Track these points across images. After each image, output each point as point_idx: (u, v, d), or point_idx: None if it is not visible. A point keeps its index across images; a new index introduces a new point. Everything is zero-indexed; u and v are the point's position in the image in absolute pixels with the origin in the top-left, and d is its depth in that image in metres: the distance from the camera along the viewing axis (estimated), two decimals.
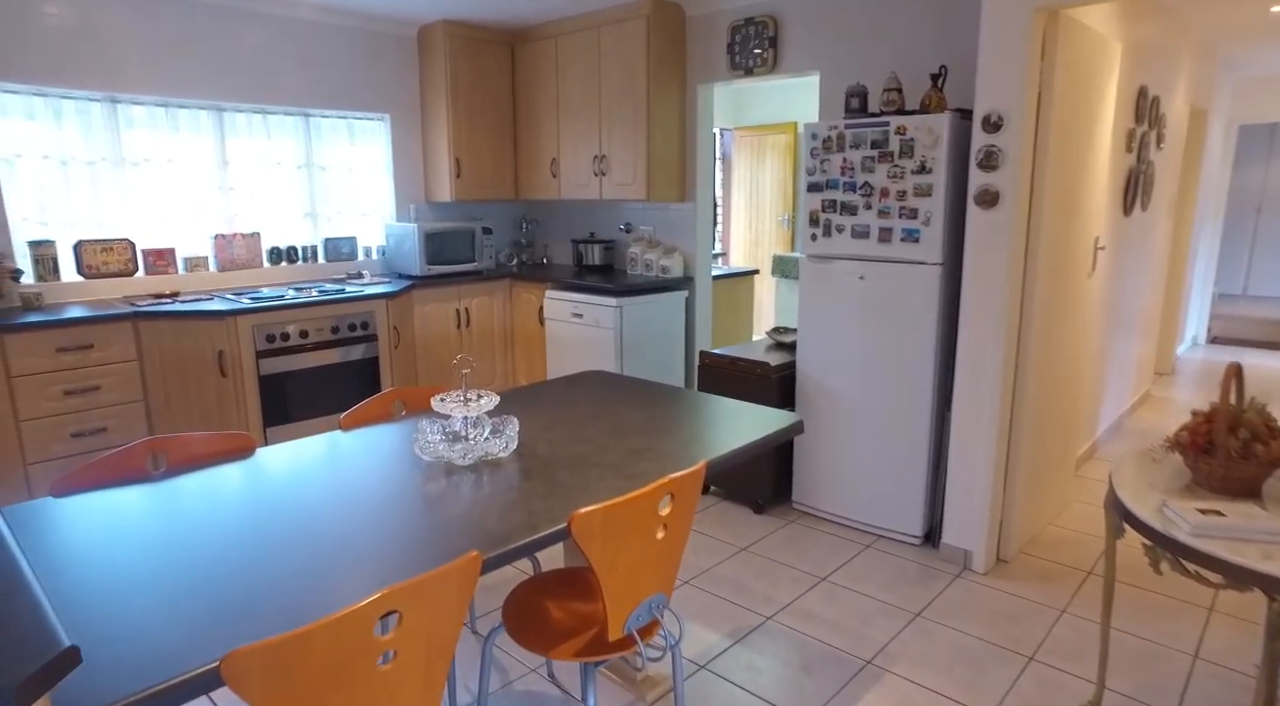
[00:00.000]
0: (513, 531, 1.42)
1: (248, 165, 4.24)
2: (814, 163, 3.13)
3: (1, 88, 3.45)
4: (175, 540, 1.39)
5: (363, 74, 4.57)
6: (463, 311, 4.62)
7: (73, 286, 3.66)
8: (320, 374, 3.81)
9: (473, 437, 1.86)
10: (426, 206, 5.02)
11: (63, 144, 3.63)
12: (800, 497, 3.45)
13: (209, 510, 1.52)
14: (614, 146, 4.41)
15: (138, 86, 3.76)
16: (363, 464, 1.79)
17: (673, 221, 4.60)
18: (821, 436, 3.31)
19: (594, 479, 1.68)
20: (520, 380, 4.91)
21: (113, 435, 3.36)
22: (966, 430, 2.86)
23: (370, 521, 1.47)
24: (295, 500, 1.57)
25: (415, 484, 1.66)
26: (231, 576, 1.25)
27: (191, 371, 3.47)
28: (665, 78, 4.23)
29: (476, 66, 4.72)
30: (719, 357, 3.54)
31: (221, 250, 4.12)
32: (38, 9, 3.45)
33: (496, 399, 1.86)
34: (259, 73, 4.15)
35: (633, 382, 2.50)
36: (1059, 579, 2.85)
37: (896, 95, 2.94)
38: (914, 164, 2.83)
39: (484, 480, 1.68)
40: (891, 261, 2.96)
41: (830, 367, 3.23)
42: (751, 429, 2.00)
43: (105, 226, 3.79)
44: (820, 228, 3.16)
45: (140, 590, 1.21)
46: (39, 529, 1.44)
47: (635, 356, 4.22)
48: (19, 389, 3.11)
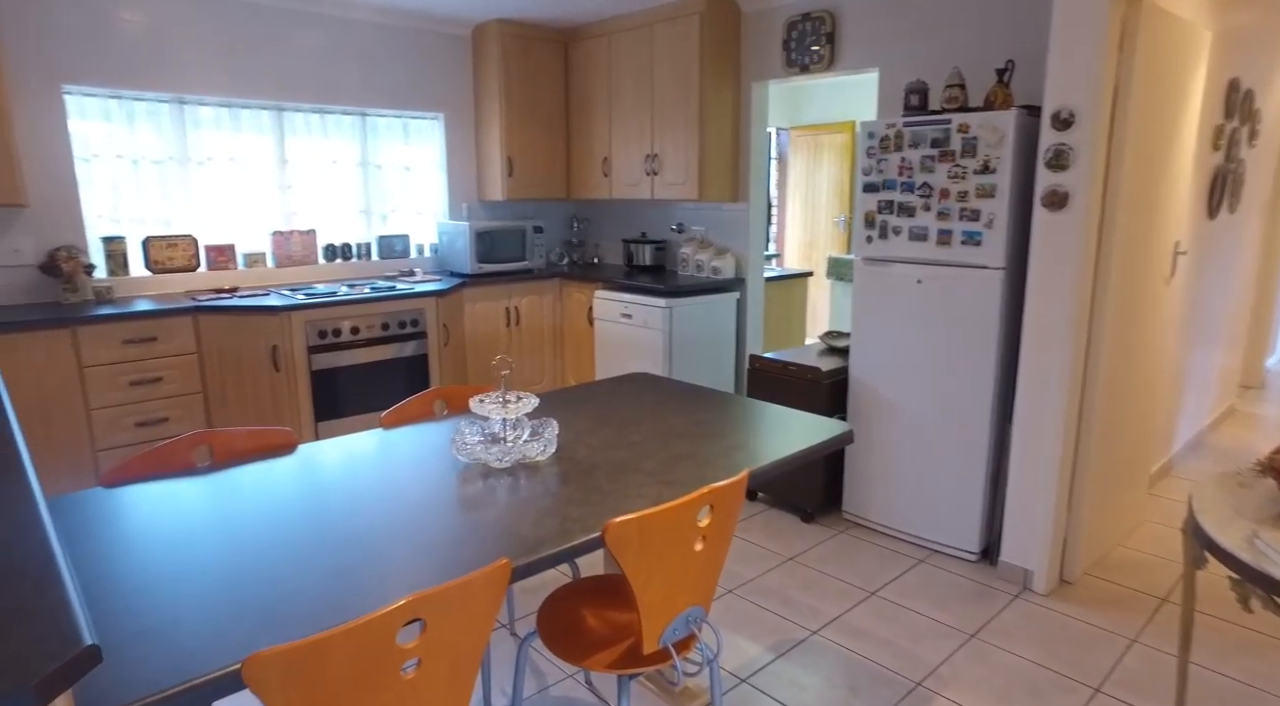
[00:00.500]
0: (546, 538, 1.38)
1: (306, 164, 4.33)
2: (870, 162, 3.02)
3: (82, 91, 3.59)
4: (211, 536, 1.39)
5: (418, 74, 4.63)
6: (512, 310, 4.63)
7: (140, 281, 3.79)
8: (370, 370, 3.86)
9: (511, 440, 1.83)
10: (479, 205, 5.05)
11: (134, 144, 3.77)
12: (851, 507, 3.34)
13: (247, 507, 1.53)
14: (666, 145, 4.35)
15: (204, 88, 3.87)
16: (400, 463, 1.78)
17: (725, 222, 4.53)
18: (874, 445, 3.19)
19: (633, 485, 1.63)
20: (569, 380, 4.90)
21: (173, 425, 3.46)
22: (1028, 442, 2.72)
23: (404, 523, 1.45)
24: (331, 499, 1.57)
25: (451, 485, 1.63)
26: (262, 576, 1.24)
27: (247, 365, 3.55)
28: (719, 76, 4.16)
29: (529, 66, 4.73)
30: (769, 361, 3.45)
31: (279, 247, 4.21)
32: (116, 16, 3.58)
33: (535, 401, 1.82)
34: (318, 74, 4.23)
35: (678, 386, 2.45)
36: (1129, 605, 2.68)
37: (959, 92, 2.81)
38: (976, 163, 2.69)
39: (520, 484, 1.65)
40: (951, 265, 2.84)
41: (885, 374, 3.11)
42: (798, 438, 1.93)
43: (171, 223, 3.92)
44: (876, 229, 3.04)
45: (172, 586, 1.21)
46: (87, 518, 1.47)
47: (684, 358, 4.16)
48: (90, 379, 3.23)
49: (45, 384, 3.14)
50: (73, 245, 3.56)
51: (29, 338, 3.08)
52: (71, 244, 3.57)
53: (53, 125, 3.50)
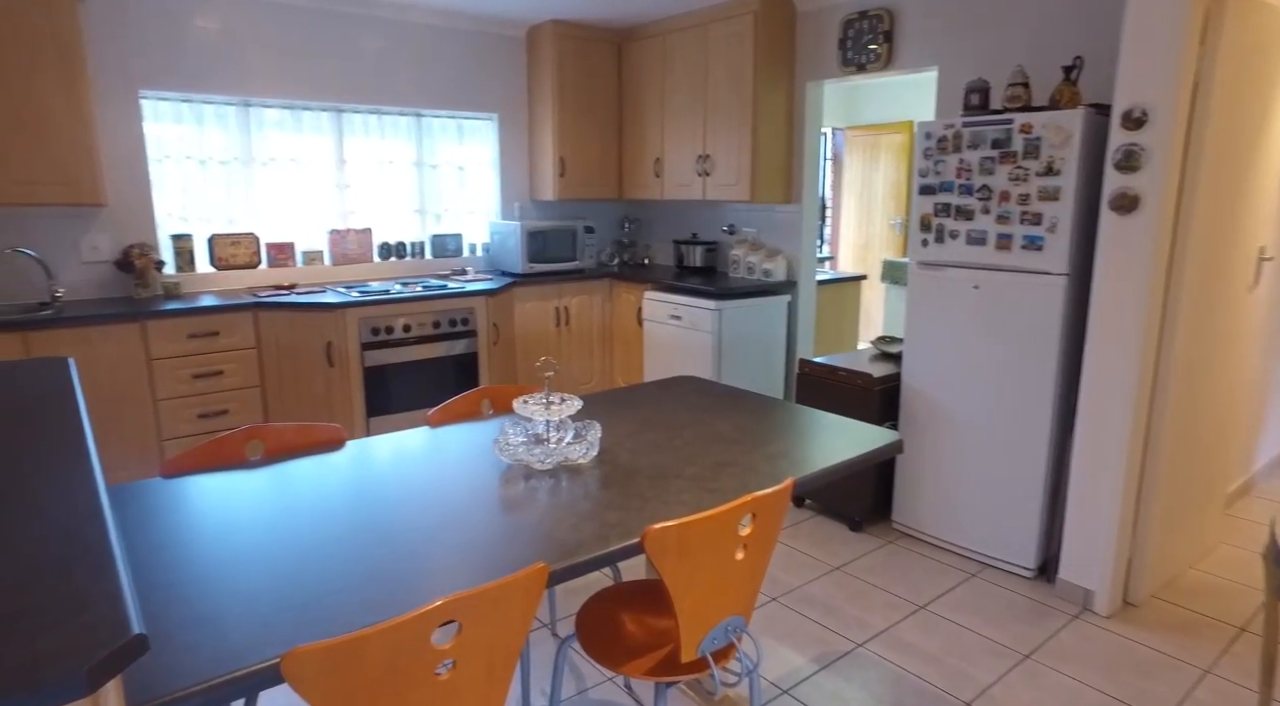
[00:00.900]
0: (584, 543, 1.38)
1: (363, 164, 4.43)
2: (927, 164, 2.93)
3: (157, 95, 3.75)
4: (259, 529, 1.42)
5: (473, 75, 4.69)
6: (562, 310, 4.66)
7: (205, 277, 3.93)
8: (421, 367, 3.93)
9: (554, 442, 1.83)
10: (531, 204, 5.09)
11: (203, 145, 3.91)
12: (901, 517, 3.26)
13: (294, 502, 1.56)
14: (718, 146, 4.32)
15: (268, 91, 4.00)
16: (444, 462, 1.79)
17: (777, 224, 4.46)
18: (926, 454, 3.10)
19: (674, 491, 1.61)
20: (617, 380, 4.90)
21: (233, 417, 3.58)
22: (1090, 456, 2.60)
23: (445, 522, 1.46)
24: (375, 496, 1.59)
25: (493, 486, 1.64)
26: (306, 570, 1.27)
27: (303, 360, 3.65)
28: (773, 75, 4.10)
29: (583, 66, 4.75)
30: (819, 366, 3.39)
31: (336, 245, 4.32)
32: (191, 23, 3.72)
33: (579, 403, 1.82)
34: (376, 75, 4.32)
35: (725, 390, 2.42)
36: (1201, 632, 2.54)
37: (1022, 90, 2.71)
38: (1039, 165, 2.59)
39: (561, 486, 1.64)
40: (1010, 270, 2.73)
41: (939, 381, 3.02)
42: (846, 446, 1.88)
43: (235, 222, 4.05)
44: (932, 233, 2.96)
45: (220, 577, 1.24)
46: (145, 507, 1.52)
47: (733, 361, 4.12)
48: (157, 371, 3.37)
49: (118, 375, 3.28)
50: (145, 243, 3.71)
51: (104, 331, 3.23)
52: (144, 241, 3.73)
53: (130, 128, 3.66)
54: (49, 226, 3.53)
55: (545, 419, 1.79)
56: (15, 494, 1.21)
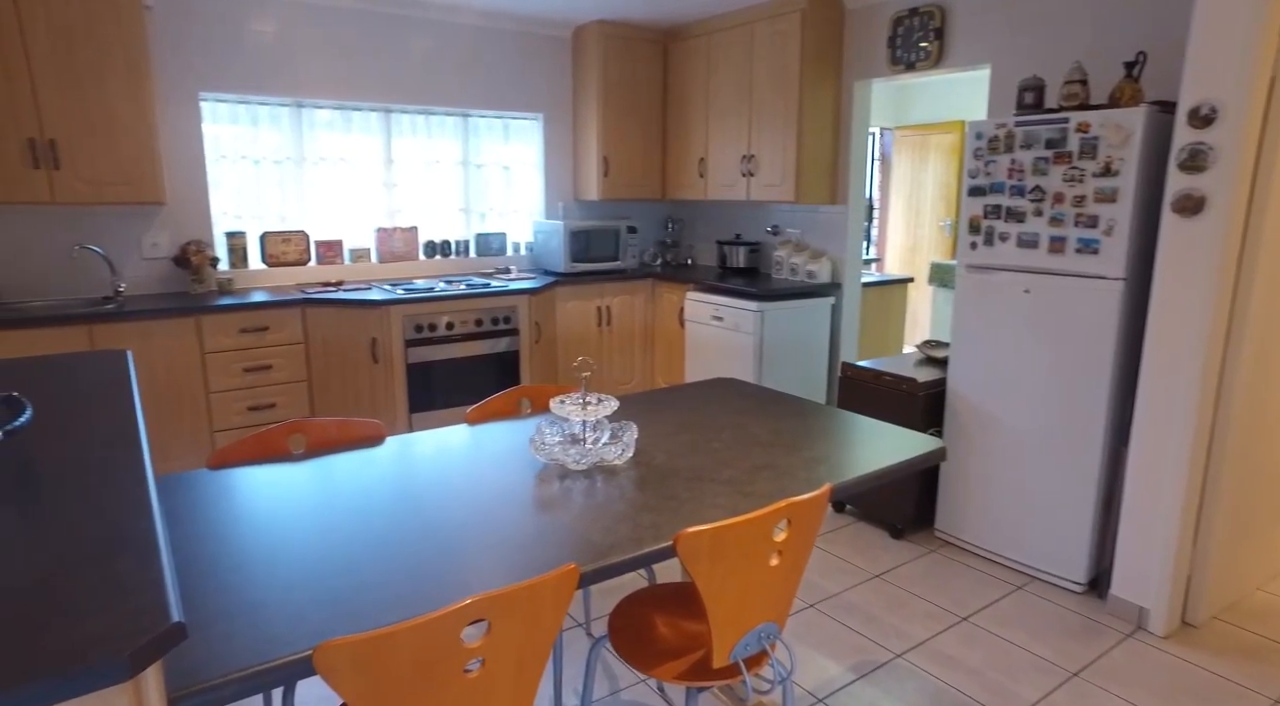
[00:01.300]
0: (617, 545, 1.37)
1: (410, 163, 4.50)
2: (977, 164, 2.85)
3: (216, 97, 3.87)
4: (298, 522, 1.45)
5: (519, 75, 4.73)
6: (604, 309, 4.67)
7: (256, 273, 4.04)
8: (463, 365, 3.98)
9: (589, 442, 1.83)
10: (575, 204, 5.12)
11: (257, 146, 4.03)
12: (944, 526, 3.18)
13: (333, 496, 1.59)
14: (763, 146, 4.27)
15: (320, 92, 4.09)
16: (481, 460, 1.80)
17: (822, 224, 4.40)
18: (972, 462, 3.02)
19: (709, 495, 1.60)
20: (658, 381, 4.90)
21: (281, 411, 3.67)
22: (1147, 468, 2.50)
23: (479, 520, 1.47)
24: (411, 492, 1.61)
25: (528, 485, 1.65)
26: (341, 564, 1.29)
27: (349, 356, 3.73)
28: (819, 75, 4.04)
29: (628, 66, 4.75)
30: (862, 370, 3.33)
31: (383, 243, 4.40)
32: (249, 27, 3.83)
33: (615, 404, 1.81)
34: (424, 76, 4.39)
35: (765, 393, 2.39)
36: (1269, 658, 2.41)
37: (1079, 88, 2.61)
38: (1097, 166, 2.50)
39: (596, 487, 1.64)
40: (1063, 274, 2.64)
41: (986, 387, 2.94)
42: (887, 452, 1.84)
43: (286, 220, 4.16)
44: (981, 235, 2.88)
45: (259, 568, 1.27)
46: (191, 498, 1.56)
47: (775, 364, 4.07)
48: (210, 364, 3.48)
49: (174, 367, 3.39)
50: (201, 240, 3.84)
51: (162, 324, 3.34)
52: (200, 239, 3.85)
53: (190, 129, 3.79)
54: (113, 224, 3.67)
55: (581, 419, 1.79)
56: (70, 482, 1.26)
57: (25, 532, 1.09)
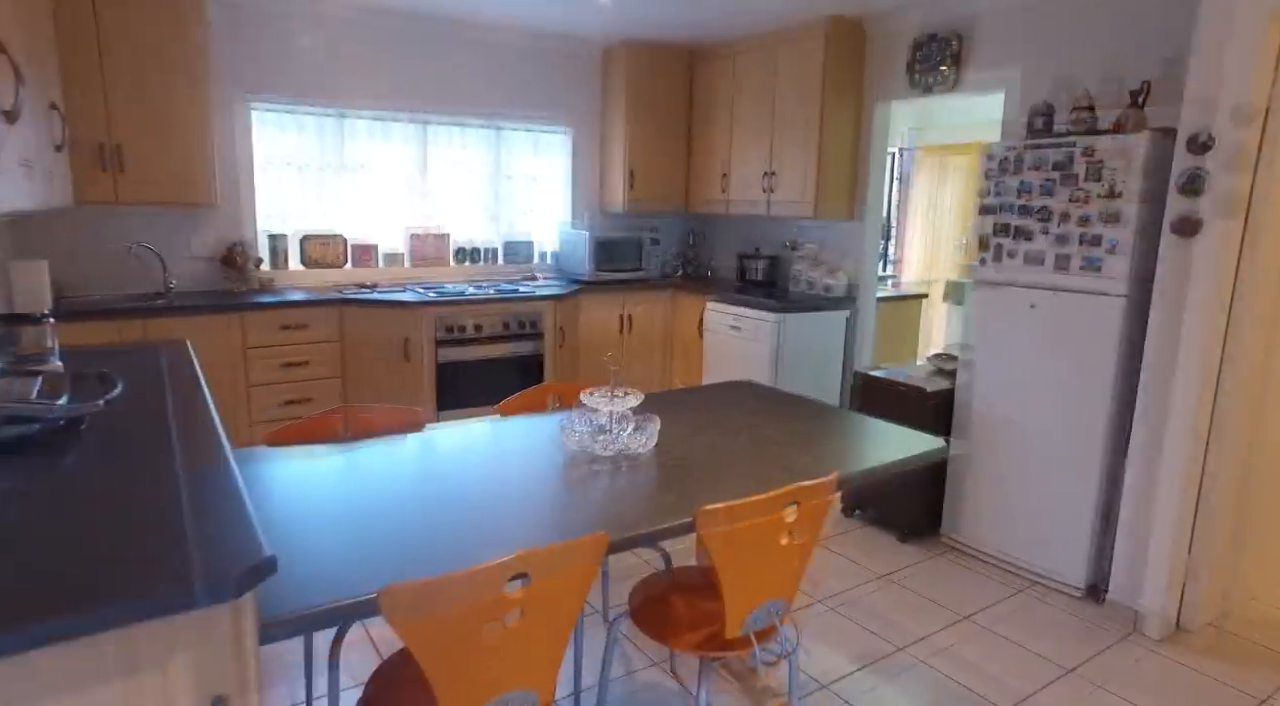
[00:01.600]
0: (641, 519, 1.51)
1: (444, 172, 4.70)
2: (988, 185, 2.99)
3: (265, 105, 4.09)
4: (354, 491, 1.61)
5: (550, 90, 4.92)
6: (626, 316, 4.82)
7: (296, 274, 4.24)
8: (490, 366, 4.15)
9: (615, 431, 1.98)
10: (600, 214, 5.29)
11: (301, 152, 4.24)
12: (950, 530, 3.29)
13: (383, 470, 1.75)
14: (784, 163, 4.43)
15: (361, 102, 4.30)
16: (514, 446, 1.96)
17: (839, 240, 4.54)
18: (977, 468, 3.14)
19: (724, 483, 1.74)
20: (677, 386, 5.04)
21: (316, 405, 3.85)
22: (1144, 477, 2.60)
23: (515, 494, 1.62)
24: (453, 470, 1.76)
25: (559, 468, 1.80)
26: (395, 526, 1.44)
27: (381, 354, 3.91)
28: (840, 95, 4.20)
29: (655, 83, 4.93)
30: (875, 378, 3.46)
31: (415, 247, 4.59)
32: (297, 39, 4.05)
33: (640, 396, 1.96)
34: (460, 89, 4.59)
35: (781, 395, 2.53)
36: (1262, 663, 2.50)
37: (1086, 114, 2.75)
38: (1101, 188, 2.62)
39: (622, 471, 1.79)
40: (1068, 291, 2.77)
41: (993, 396, 3.06)
42: (893, 451, 1.97)
43: (324, 224, 4.36)
44: (990, 252, 3.00)
45: (322, 527, 1.43)
46: (254, 469, 1.73)
47: (791, 374, 4.20)
48: (251, 359, 3.67)
49: (217, 360, 3.58)
50: (245, 241, 4.04)
51: (208, 319, 3.54)
52: (244, 240, 4.06)
53: (239, 135, 4.00)
54: (166, 224, 3.88)
55: (609, 410, 1.93)
56: (161, 446, 1.42)
57: (136, 484, 1.25)
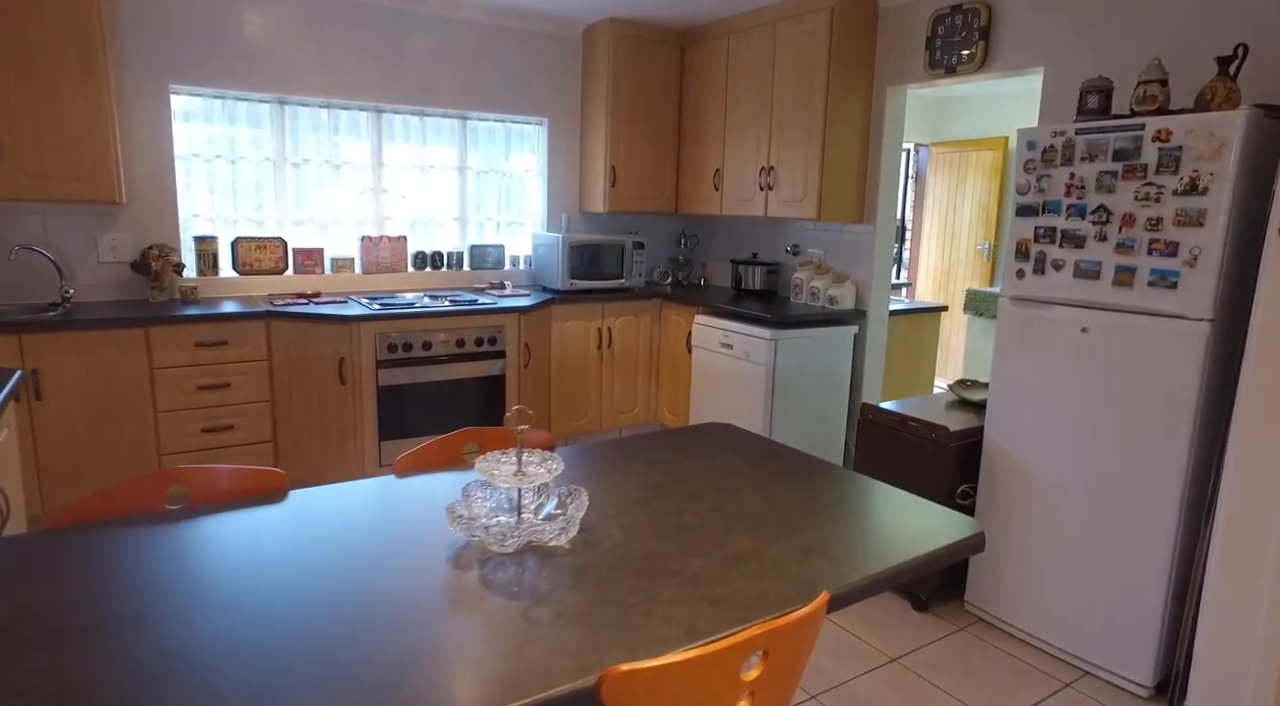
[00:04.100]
0: (521, 680, 0.97)
1: (402, 168, 4.19)
2: (1028, 180, 2.43)
3: (189, 91, 3.59)
4: (133, 606, 1.07)
5: (523, 77, 4.40)
6: (605, 331, 4.29)
7: (227, 282, 3.73)
8: (442, 389, 3.61)
9: (532, 508, 1.45)
10: (580, 217, 4.76)
11: (234, 144, 3.73)
12: (976, 599, 2.72)
13: (192, 569, 1.21)
14: (784, 157, 3.88)
15: (306, 89, 3.79)
16: (388, 532, 1.42)
17: (847, 245, 3.98)
18: (1012, 528, 2.57)
19: (663, 599, 1.19)
20: (664, 411, 4.49)
21: (240, 432, 3.34)
22: (1235, 552, 2.03)
23: (352, 627, 1.08)
24: (276, 573, 1.22)
25: (433, 574, 1.26)
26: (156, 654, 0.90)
27: (314, 376, 3.38)
28: (847, 79, 3.64)
29: (642, 68, 4.40)
30: (885, 414, 2.90)
31: (368, 253, 4.08)
32: (227, 16, 3.54)
33: (560, 466, 1.42)
34: (420, 75, 4.08)
35: (765, 446, 1.98)
36: None
37: (1158, 89, 2.18)
38: (1179, 182, 2.06)
39: (521, 579, 1.25)
40: (1131, 312, 2.20)
41: (1031, 441, 2.49)
42: (909, 537, 1.42)
43: (264, 225, 3.85)
44: (1030, 262, 2.44)
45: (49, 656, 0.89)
46: (16, 568, 1.20)
47: (789, 399, 3.65)
48: (159, 381, 3.15)
49: (117, 383, 3.07)
50: (165, 244, 3.53)
51: (106, 335, 3.03)
52: (164, 243, 3.55)
53: (158, 124, 3.50)
54: (64, 224, 3.38)
55: (516, 486, 1.39)
56: None
57: None
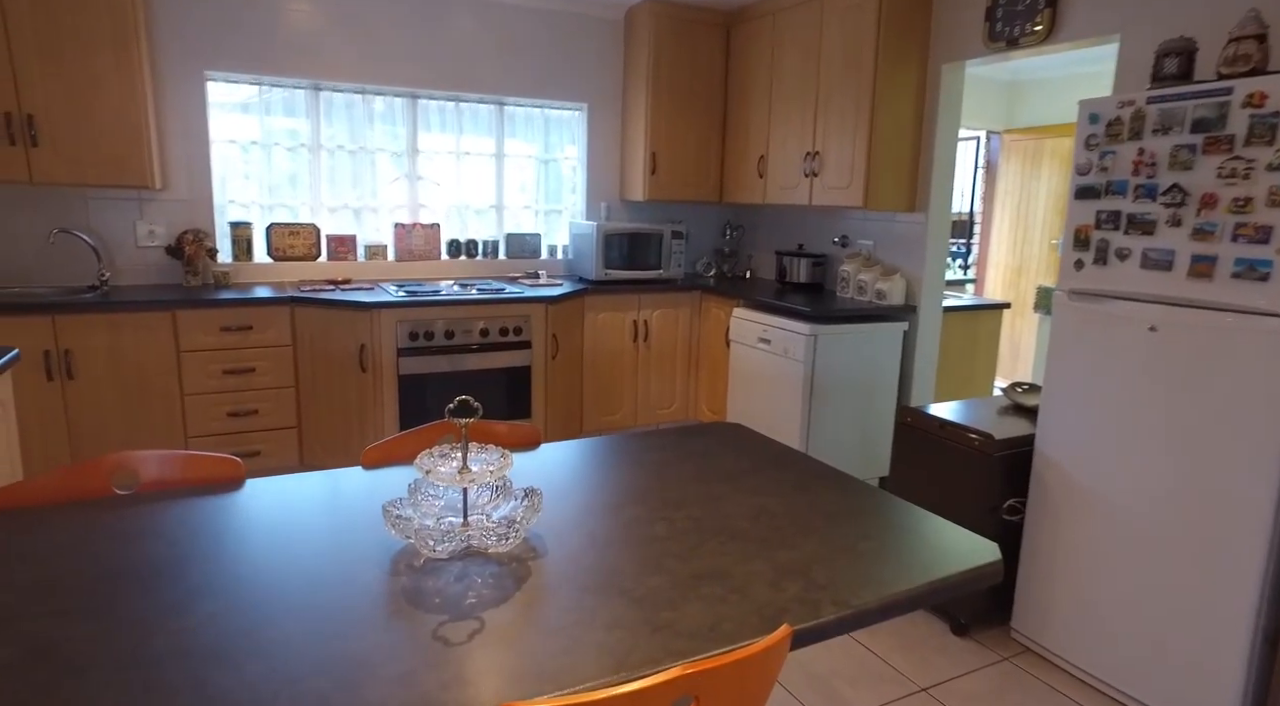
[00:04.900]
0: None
1: (437, 155, 4.13)
2: (1090, 157, 2.14)
3: (225, 77, 3.61)
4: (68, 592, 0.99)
5: (563, 61, 4.28)
6: (641, 323, 4.13)
7: (261, 268, 3.75)
8: (464, 379, 3.52)
9: (484, 513, 1.31)
10: (620, 205, 4.62)
11: (270, 131, 3.74)
12: (1024, 626, 2.45)
13: (141, 556, 1.12)
14: (829, 141, 3.64)
15: (341, 74, 3.76)
16: (328, 529, 1.31)
17: (898, 236, 3.71)
18: (1065, 550, 2.29)
19: (600, 623, 1.03)
20: (703, 408, 4.31)
21: (264, 417, 3.33)
22: None
23: (226, 636, 0.96)
24: (183, 572, 1.12)
25: (358, 580, 1.13)
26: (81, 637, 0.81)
27: (336, 363, 3.35)
28: (898, 56, 3.37)
29: (685, 51, 4.21)
30: (925, 417, 2.65)
31: (401, 240, 4.03)
32: (268, 3, 3.56)
33: (509, 462, 1.28)
34: (456, 60, 4.00)
35: (772, 451, 1.79)
36: None
37: (1253, 46, 1.87)
38: (1275, 154, 1.76)
39: (446, 593, 1.11)
40: (1211, 308, 1.91)
41: (1089, 453, 2.21)
42: (912, 562, 1.21)
43: (298, 211, 3.85)
44: (1090, 251, 2.16)
45: None
46: None
47: (830, 399, 3.41)
48: (186, 364, 3.17)
49: (146, 366, 3.10)
50: (200, 229, 3.56)
51: (135, 318, 3.06)
52: (200, 228, 3.58)
53: (195, 110, 3.53)
54: (106, 209, 3.44)
55: (461, 485, 1.26)
56: None
57: None
